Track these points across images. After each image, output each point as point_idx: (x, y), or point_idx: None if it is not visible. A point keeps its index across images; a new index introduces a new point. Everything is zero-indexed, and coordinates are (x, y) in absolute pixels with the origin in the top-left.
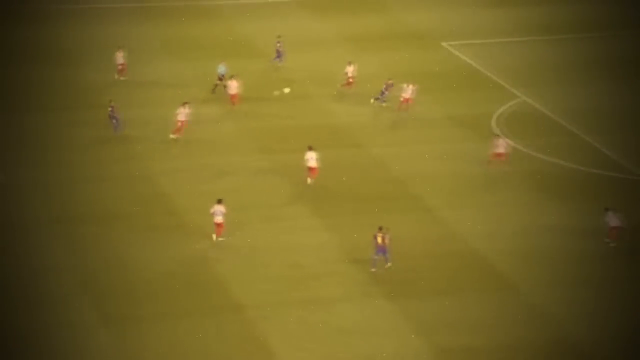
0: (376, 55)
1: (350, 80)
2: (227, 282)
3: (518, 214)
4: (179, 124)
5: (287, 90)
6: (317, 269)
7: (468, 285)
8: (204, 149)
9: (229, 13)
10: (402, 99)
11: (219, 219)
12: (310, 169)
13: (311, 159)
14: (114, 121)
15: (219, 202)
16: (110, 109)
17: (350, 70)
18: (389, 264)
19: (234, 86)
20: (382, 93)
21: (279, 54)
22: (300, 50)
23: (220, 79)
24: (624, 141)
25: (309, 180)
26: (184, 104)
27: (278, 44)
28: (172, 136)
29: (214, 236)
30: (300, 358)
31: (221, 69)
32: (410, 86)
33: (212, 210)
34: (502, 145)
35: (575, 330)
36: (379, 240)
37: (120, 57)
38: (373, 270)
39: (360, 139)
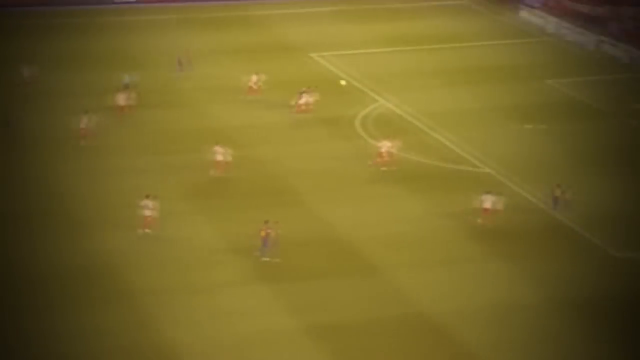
0: (256, 65)
1: (254, 87)
2: (125, 271)
3: (382, 205)
4: (82, 132)
5: (343, 82)
6: (205, 258)
7: (337, 269)
8: (104, 152)
9: (133, 28)
10: (298, 104)
11: (147, 212)
12: (218, 162)
13: (218, 153)
14: None
15: (147, 197)
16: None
17: (254, 79)
18: (267, 259)
19: (122, 98)
20: (301, 99)
21: (180, 64)
22: (203, 61)
23: (126, 88)
24: (469, 139)
25: (212, 172)
26: (86, 112)
27: (181, 56)
28: (81, 143)
29: (141, 230)
30: (187, 339)
31: (126, 79)
32: (305, 94)
33: (142, 203)
34: (384, 146)
35: (431, 305)
36: (262, 233)
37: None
38: (265, 259)
39: (248, 140)
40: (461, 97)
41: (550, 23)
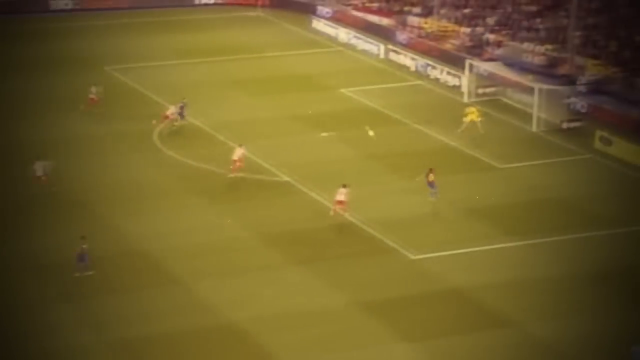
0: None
1: (94, 99)
2: None
3: (183, 216)
4: None
5: (371, 133)
6: (23, 273)
7: (140, 282)
8: None
9: None
10: (165, 116)
11: None
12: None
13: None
14: None
15: None
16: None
17: (93, 91)
18: (78, 274)
19: None
20: (181, 114)
21: None
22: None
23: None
24: (268, 148)
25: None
26: None
27: None
28: None
29: None
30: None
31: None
32: (173, 107)
33: None
34: (237, 154)
35: (233, 313)
36: (78, 249)
37: None
38: (77, 274)
39: (77, 152)
40: (259, 107)
41: (341, 33)
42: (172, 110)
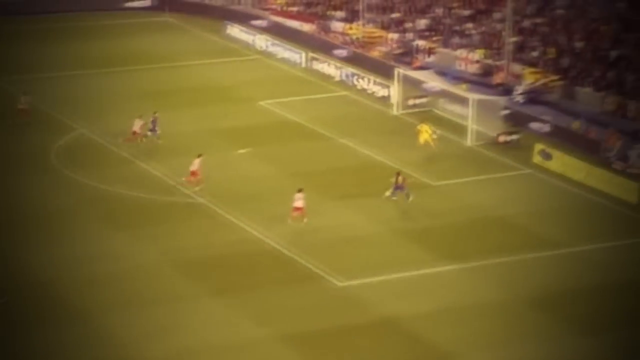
0: None
1: (25, 109)
2: None
3: (86, 243)
4: None
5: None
6: None
7: (42, 316)
8: None
9: None
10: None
11: None
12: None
13: None
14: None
15: None
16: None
17: (23, 101)
18: None
19: None
20: (153, 130)
21: None
22: None
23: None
24: (182, 167)
25: None
26: None
27: None
28: None
29: None
30: None
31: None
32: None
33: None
34: (195, 164)
35: (140, 346)
36: None
37: None
38: None
39: None
40: (171, 121)
41: (259, 40)
42: (137, 124)
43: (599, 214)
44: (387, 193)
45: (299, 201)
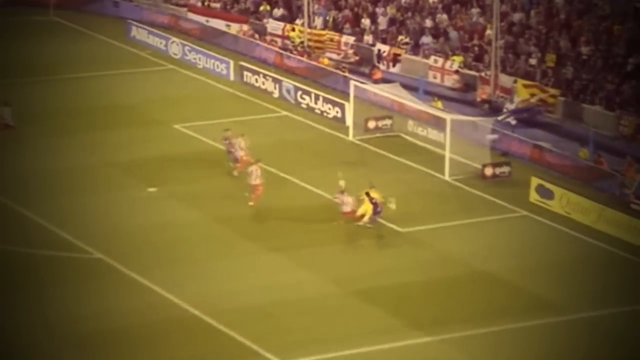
0: None
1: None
2: None
3: None
4: None
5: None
6: None
7: None
8: None
9: None
10: None
11: None
12: None
13: None
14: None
15: None
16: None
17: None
18: None
19: None
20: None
21: None
22: None
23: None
24: (77, 212)
25: None
26: None
27: None
28: None
29: None
30: None
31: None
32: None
33: None
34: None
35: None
36: None
37: None
38: None
39: None
40: (61, 151)
41: (174, 45)
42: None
43: (614, 269)
44: (365, 219)
45: (347, 206)
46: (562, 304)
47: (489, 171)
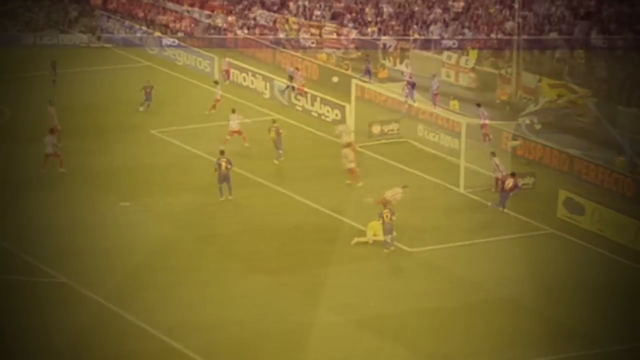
0: None
1: None
2: None
3: None
4: None
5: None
6: None
7: None
8: None
9: None
10: None
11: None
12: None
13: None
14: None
15: None
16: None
17: None
18: None
19: None
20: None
21: None
22: None
23: None
24: (31, 231)
25: None
26: None
27: None
28: None
29: None
30: None
31: None
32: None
33: None
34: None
35: None
36: None
37: None
38: None
39: None
40: (16, 158)
41: (151, 40)
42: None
43: None
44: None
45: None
46: (594, 335)
47: (509, 183)
